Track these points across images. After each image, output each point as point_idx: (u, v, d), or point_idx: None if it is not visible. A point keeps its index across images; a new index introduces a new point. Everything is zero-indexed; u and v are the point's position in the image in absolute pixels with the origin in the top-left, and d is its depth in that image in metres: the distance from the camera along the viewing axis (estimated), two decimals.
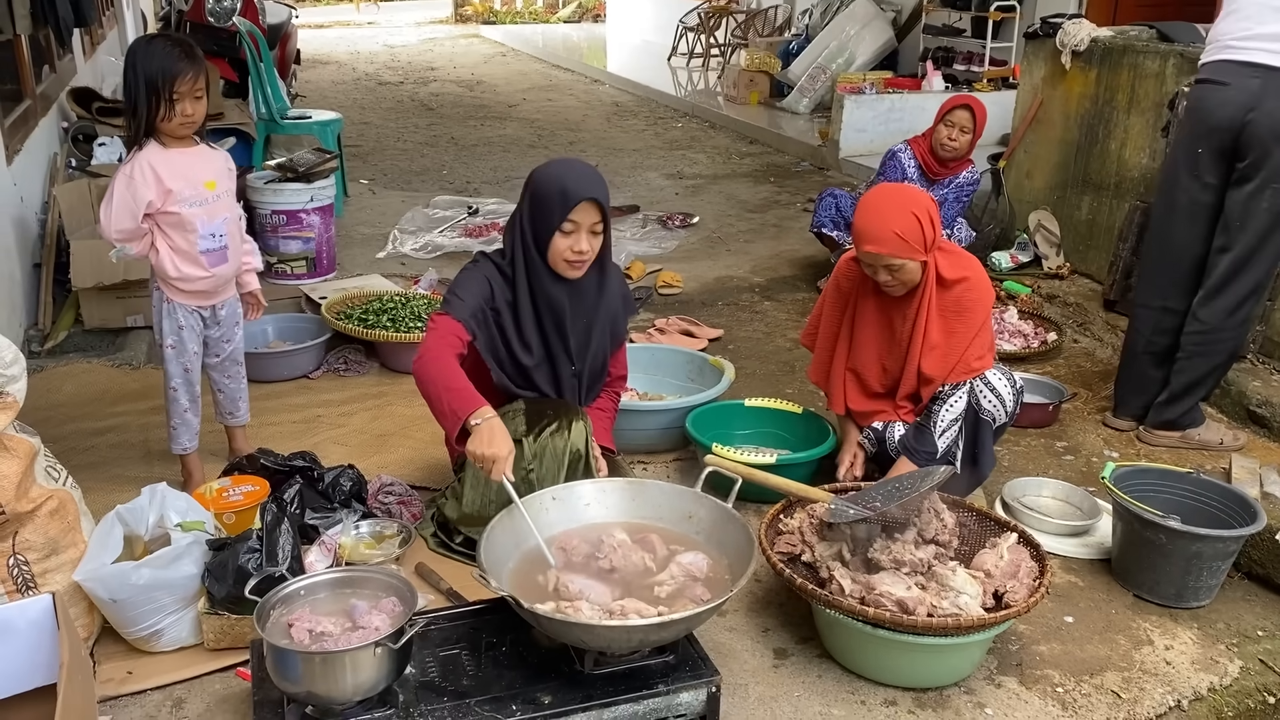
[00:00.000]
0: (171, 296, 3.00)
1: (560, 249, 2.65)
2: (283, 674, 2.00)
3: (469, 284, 2.71)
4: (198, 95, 2.85)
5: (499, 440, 2.36)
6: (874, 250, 2.86)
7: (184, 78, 2.79)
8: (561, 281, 2.72)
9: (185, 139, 2.92)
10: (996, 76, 8.57)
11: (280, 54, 7.82)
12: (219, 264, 3.01)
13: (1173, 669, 2.53)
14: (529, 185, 2.70)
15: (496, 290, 2.73)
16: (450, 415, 2.44)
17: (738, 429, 3.47)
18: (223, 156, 3.09)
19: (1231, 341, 3.47)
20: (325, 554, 2.68)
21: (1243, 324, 3.48)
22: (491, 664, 2.17)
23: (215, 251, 2.99)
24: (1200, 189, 3.42)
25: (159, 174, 2.85)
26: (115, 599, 2.34)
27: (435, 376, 2.48)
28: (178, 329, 3.03)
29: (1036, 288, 5.06)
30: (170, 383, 3.09)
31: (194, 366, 3.10)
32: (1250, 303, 3.43)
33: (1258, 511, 2.75)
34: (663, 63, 13.10)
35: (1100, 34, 5.07)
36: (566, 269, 2.68)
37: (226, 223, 3.00)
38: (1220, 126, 3.30)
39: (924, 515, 2.54)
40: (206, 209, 2.94)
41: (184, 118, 2.84)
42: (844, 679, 2.44)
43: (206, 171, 2.95)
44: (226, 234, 3.01)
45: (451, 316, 2.61)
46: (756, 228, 6.45)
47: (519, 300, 2.73)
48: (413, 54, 15.19)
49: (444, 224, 6.07)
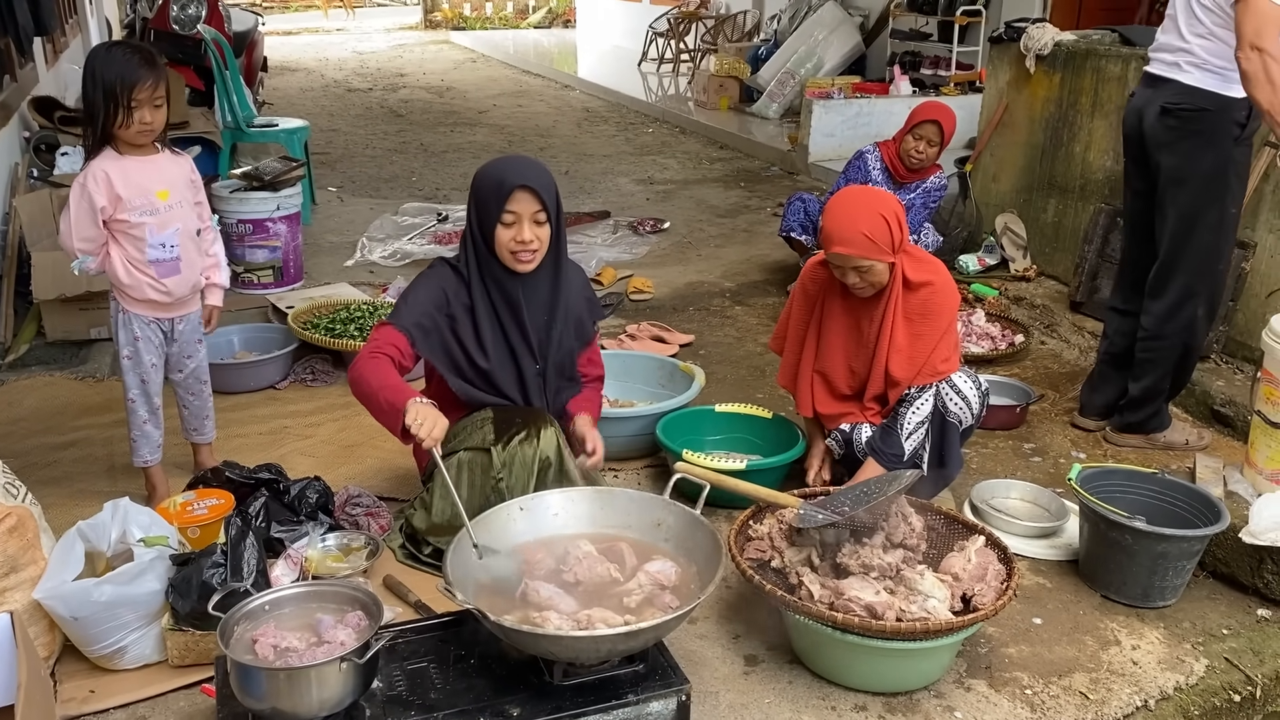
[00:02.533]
0: (127, 306, 2.97)
1: (504, 240, 2.66)
2: (247, 691, 1.98)
3: (418, 291, 2.73)
4: (157, 103, 2.82)
5: (433, 416, 2.41)
6: (842, 251, 2.87)
7: (143, 85, 2.76)
8: (515, 276, 2.72)
9: (144, 147, 2.89)
10: (963, 80, 8.64)
11: (247, 61, 7.74)
12: (169, 275, 2.96)
13: (1139, 669, 2.55)
14: (473, 183, 2.74)
15: (452, 295, 2.72)
16: (389, 410, 2.45)
17: (708, 435, 3.47)
18: (185, 165, 3.05)
19: (1174, 348, 3.43)
20: (291, 567, 2.65)
21: (1186, 329, 3.40)
22: (460, 676, 2.15)
23: (166, 262, 2.95)
24: (1133, 196, 3.54)
25: (111, 181, 2.83)
26: (76, 617, 2.31)
27: (368, 378, 2.52)
28: (134, 339, 2.99)
29: (1004, 290, 5.10)
30: (128, 394, 3.05)
31: (151, 378, 3.05)
32: (1189, 307, 3.38)
33: (1221, 511, 2.78)
34: (633, 68, 13.11)
35: (1064, 38, 5.12)
36: (514, 261, 2.68)
37: (179, 234, 2.96)
38: (1130, 136, 3.46)
39: (892, 519, 2.55)
40: (157, 218, 2.91)
41: (142, 125, 2.81)
42: (814, 685, 2.44)
43: (160, 181, 2.92)
44: (178, 245, 2.96)
45: (392, 326, 2.64)
46: (727, 233, 6.46)
47: (475, 301, 2.73)
48: (382, 60, 15.11)
49: (413, 231, 6.04)
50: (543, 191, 2.65)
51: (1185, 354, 3.47)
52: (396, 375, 2.54)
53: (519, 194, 2.62)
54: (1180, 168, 3.29)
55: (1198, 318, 3.40)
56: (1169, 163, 3.31)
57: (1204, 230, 3.31)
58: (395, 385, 2.49)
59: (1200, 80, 3.19)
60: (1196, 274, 3.36)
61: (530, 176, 2.65)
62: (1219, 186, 3.26)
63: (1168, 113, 3.27)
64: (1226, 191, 3.27)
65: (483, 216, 2.68)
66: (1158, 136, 3.32)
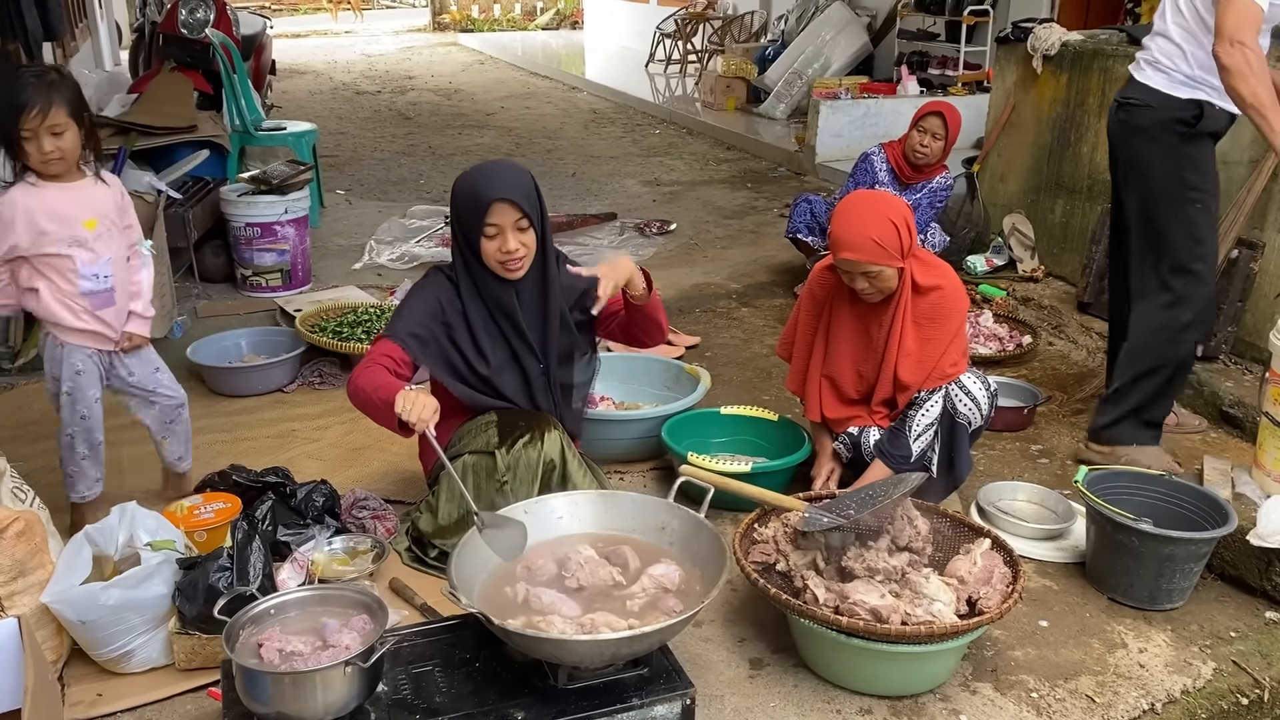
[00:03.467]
0: (65, 339, 2.81)
1: (490, 253, 2.64)
2: (252, 695, 1.99)
3: (412, 302, 2.72)
4: (56, 130, 2.61)
5: (423, 399, 2.40)
6: (851, 257, 2.87)
7: (29, 114, 2.56)
8: (506, 283, 2.71)
9: (66, 175, 2.72)
10: (971, 80, 8.61)
11: (255, 65, 7.76)
12: (104, 307, 2.81)
13: (1146, 672, 2.54)
14: (452, 195, 2.70)
15: (447, 304, 2.72)
16: (384, 406, 2.45)
17: (714, 437, 3.47)
18: (113, 191, 2.86)
19: (1151, 354, 3.30)
20: (298, 571, 2.66)
21: (1167, 337, 3.25)
22: (465, 680, 2.15)
23: (100, 294, 2.79)
24: (1114, 199, 3.53)
25: (31, 215, 2.67)
26: (84, 620, 2.32)
27: (362, 386, 2.53)
28: (75, 374, 2.81)
29: (1011, 291, 5.09)
30: (64, 430, 2.85)
31: (93, 413, 2.87)
32: (1170, 313, 3.24)
33: (1229, 513, 2.77)
34: (640, 69, 13.12)
35: (1071, 38, 5.10)
36: (503, 270, 2.67)
37: (113, 263, 2.81)
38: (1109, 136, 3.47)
39: (897, 522, 2.55)
40: (87, 250, 2.75)
41: (44, 155, 2.62)
42: (820, 688, 2.44)
43: (87, 209, 2.75)
44: (112, 275, 2.81)
45: (389, 338, 2.65)
46: (734, 234, 6.46)
47: (469, 309, 2.72)
48: (390, 63, 15.15)
49: (421, 234, 6.05)
50: (520, 200, 2.59)
51: (1166, 365, 3.30)
52: (390, 376, 2.54)
53: (497, 206, 2.58)
54: (1132, 164, 3.30)
55: (1182, 325, 3.24)
56: (1123, 159, 3.35)
57: (1164, 229, 3.24)
58: (387, 384, 2.49)
59: (1150, 78, 3.20)
60: (1169, 275, 3.25)
61: (506, 187, 2.59)
62: (1172, 184, 3.20)
63: (1119, 107, 3.31)
64: (1182, 189, 3.18)
65: (465, 228, 2.66)
66: (1113, 132, 3.36)
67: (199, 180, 5.44)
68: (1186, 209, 3.21)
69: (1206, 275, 3.25)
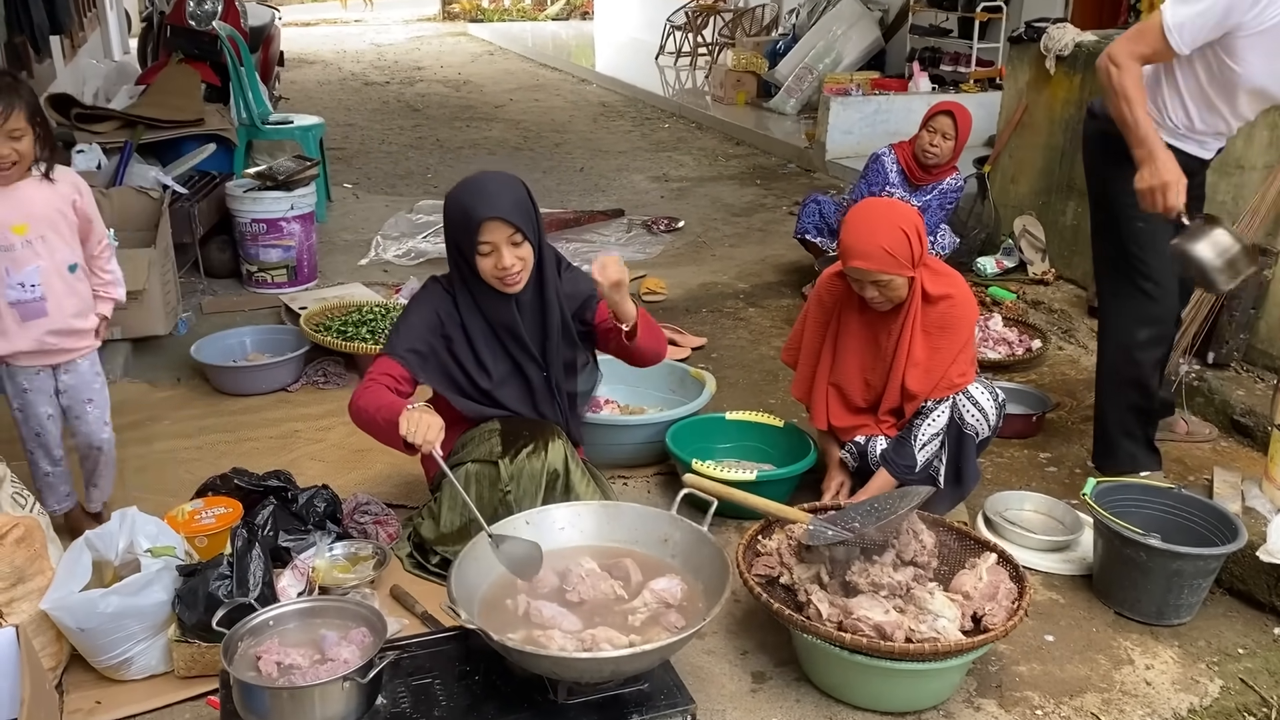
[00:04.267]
0: (6, 358, 2.72)
1: (486, 270, 2.60)
2: (250, 708, 1.97)
3: (410, 317, 2.70)
4: (14, 135, 2.52)
5: (428, 418, 2.38)
6: (862, 266, 2.84)
7: None
8: (505, 297, 2.67)
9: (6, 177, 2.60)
10: (983, 77, 8.56)
11: (263, 57, 7.74)
12: (33, 318, 2.68)
13: (1153, 689, 2.52)
14: (444, 212, 2.66)
15: (445, 317, 2.69)
16: (388, 426, 2.43)
17: (719, 443, 3.44)
18: (57, 194, 2.70)
19: (1112, 372, 3.24)
20: (298, 578, 2.64)
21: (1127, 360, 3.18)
22: (464, 693, 2.14)
23: (29, 304, 2.66)
24: None
25: None
26: (83, 628, 2.31)
27: (364, 406, 2.53)
28: (21, 392, 2.76)
29: (1021, 293, 5.05)
30: (26, 446, 2.84)
31: (47, 430, 2.81)
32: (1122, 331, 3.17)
33: (1239, 528, 2.74)
34: (650, 61, 13.06)
35: (1084, 39, 5.05)
36: (501, 286, 2.63)
37: (41, 271, 2.66)
38: None
39: (903, 537, 2.52)
40: (11, 256, 2.62)
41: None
42: (822, 703, 2.42)
43: (17, 214, 2.62)
44: (40, 284, 2.66)
45: (388, 356, 2.63)
46: (742, 232, 6.43)
47: (468, 322, 2.70)
48: (399, 52, 15.12)
49: (428, 229, 6.02)
50: (512, 216, 2.54)
51: (1127, 383, 3.22)
52: (391, 395, 2.53)
53: (489, 225, 2.53)
54: (1088, 172, 3.28)
55: (1138, 344, 3.16)
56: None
57: (1110, 244, 3.17)
58: (389, 403, 2.47)
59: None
60: (1122, 291, 3.17)
61: (497, 205, 2.53)
62: (1116, 199, 3.10)
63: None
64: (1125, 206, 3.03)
65: (461, 245, 2.63)
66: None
67: (205, 175, 5.43)
68: (1129, 226, 3.10)
69: (1155, 294, 3.12)
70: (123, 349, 4.17)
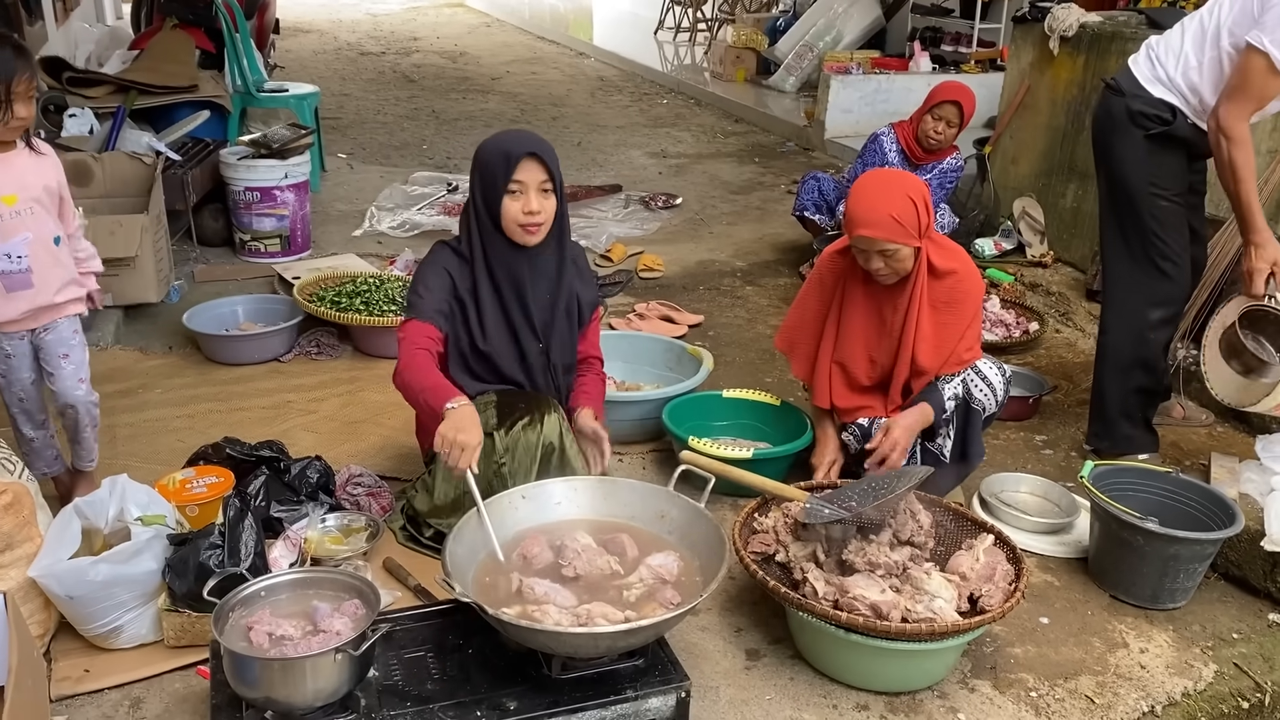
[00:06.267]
0: None
1: (512, 212, 2.61)
2: (241, 679, 1.95)
3: (429, 279, 2.67)
4: (32, 95, 2.56)
5: (469, 428, 2.30)
6: (869, 234, 2.78)
7: (20, 77, 2.50)
8: (520, 251, 2.67)
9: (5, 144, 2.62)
10: (984, 58, 8.48)
11: (258, 24, 7.63)
12: (19, 289, 2.66)
13: (1147, 673, 2.51)
14: (475, 159, 2.68)
15: (457, 279, 2.68)
16: (432, 416, 2.39)
17: (715, 420, 3.42)
18: (45, 166, 2.71)
19: (1121, 355, 3.25)
20: (290, 549, 2.62)
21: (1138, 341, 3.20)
22: (457, 667, 2.12)
23: (14, 274, 2.65)
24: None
25: None
26: (72, 595, 2.28)
27: (412, 382, 2.47)
28: (5, 358, 2.75)
29: (1019, 275, 5.03)
30: (9, 410, 2.84)
31: (30, 394, 2.81)
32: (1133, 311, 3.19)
33: (1236, 513, 2.73)
34: (649, 36, 12.94)
35: (1089, 20, 5.01)
36: (522, 234, 2.63)
37: (29, 243, 2.65)
38: None
39: (900, 516, 2.51)
40: (0, 225, 2.61)
41: (18, 120, 2.55)
42: (816, 682, 2.41)
43: (9, 183, 2.61)
44: (28, 255, 2.65)
45: (418, 319, 2.59)
46: (740, 210, 6.38)
47: (478, 281, 2.68)
48: (396, 23, 14.95)
49: (422, 201, 5.98)
50: (549, 160, 2.61)
51: (1134, 365, 3.25)
52: (437, 375, 2.50)
53: (526, 162, 2.58)
54: (1102, 150, 3.24)
55: (1149, 324, 3.18)
56: (1095, 144, 3.30)
57: (1127, 224, 3.16)
58: (434, 386, 2.43)
59: (1136, 66, 3.11)
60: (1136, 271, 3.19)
61: (536, 145, 2.62)
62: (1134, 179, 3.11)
63: (1103, 89, 3.23)
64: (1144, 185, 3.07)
65: (487, 189, 2.63)
66: (1093, 115, 3.31)
67: (199, 142, 5.36)
68: (1150, 204, 3.11)
69: (1173, 273, 3.15)
70: (114, 316, 4.13)
